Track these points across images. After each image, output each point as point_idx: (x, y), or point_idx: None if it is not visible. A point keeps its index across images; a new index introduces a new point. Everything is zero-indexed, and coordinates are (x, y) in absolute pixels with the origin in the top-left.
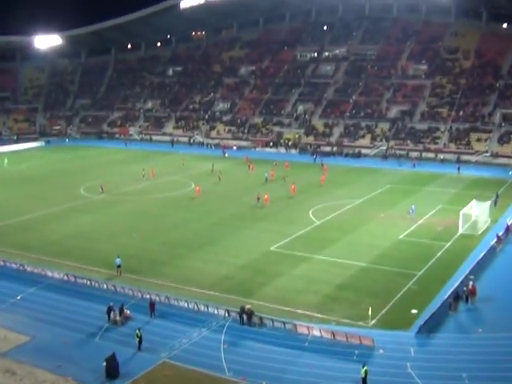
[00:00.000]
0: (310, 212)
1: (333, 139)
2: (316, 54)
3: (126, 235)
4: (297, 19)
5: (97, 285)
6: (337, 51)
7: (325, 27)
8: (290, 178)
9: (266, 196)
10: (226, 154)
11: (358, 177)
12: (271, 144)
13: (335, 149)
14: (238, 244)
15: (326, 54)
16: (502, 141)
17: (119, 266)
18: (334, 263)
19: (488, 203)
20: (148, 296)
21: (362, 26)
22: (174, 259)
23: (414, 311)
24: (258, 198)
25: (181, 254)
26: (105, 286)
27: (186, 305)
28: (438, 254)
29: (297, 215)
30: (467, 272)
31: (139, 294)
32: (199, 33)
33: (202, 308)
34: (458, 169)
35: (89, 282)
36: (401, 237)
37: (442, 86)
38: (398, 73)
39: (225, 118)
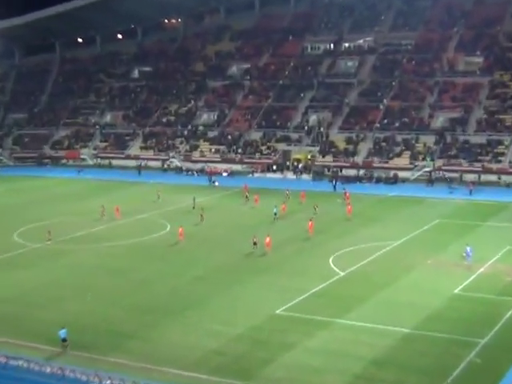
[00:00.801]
0: (331, 259)
1: (358, 159)
2: (332, 46)
3: (77, 298)
4: (305, 0)
5: (37, 367)
6: (360, 41)
7: (343, 10)
8: (305, 213)
9: (267, 239)
10: (216, 183)
11: (394, 209)
12: (274, 167)
13: (362, 172)
14: (231, 306)
15: (346, 45)
16: None
17: (64, 340)
18: (365, 330)
19: None
20: (109, 382)
21: (392, 6)
22: (143, 329)
23: None
24: (255, 243)
25: (153, 322)
26: (48, 370)
27: None
28: (508, 315)
29: (312, 264)
30: None
31: (96, 380)
32: (174, 20)
33: None
34: None
35: (26, 364)
36: (456, 291)
37: (503, 84)
38: (443, 68)
39: (211, 134)
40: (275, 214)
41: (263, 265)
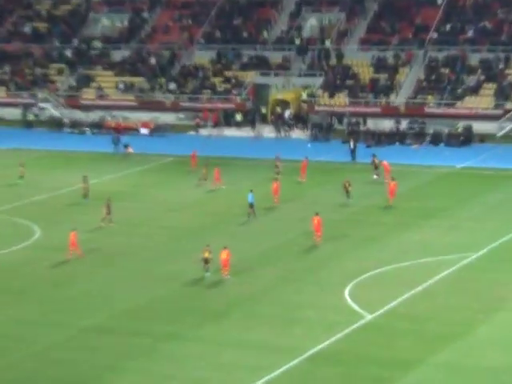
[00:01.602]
0: (348, 289)
1: (398, 100)
2: None
3: None
4: None
5: None
6: None
7: None
8: (307, 200)
9: (223, 254)
10: (130, 149)
11: (467, 193)
12: (239, 118)
13: (406, 125)
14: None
15: None
16: None
17: None
18: None
19: None
20: None
21: None
22: None
23: None
24: (207, 260)
25: None
26: None
27: None
28: None
29: (313, 299)
30: None
31: None
32: None
33: None
34: None
35: None
36: None
37: None
38: None
39: (117, 56)
40: (251, 204)
41: (221, 303)
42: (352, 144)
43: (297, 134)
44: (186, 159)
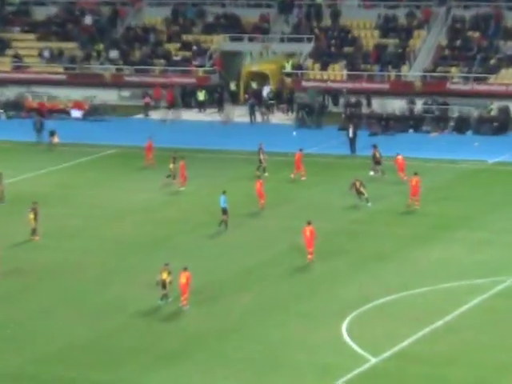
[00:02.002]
0: (346, 323)
1: (412, 73)
2: None
3: None
4: None
5: None
6: None
7: None
8: (289, 207)
9: (183, 278)
10: (55, 139)
11: (501, 197)
12: (201, 97)
13: (421, 105)
14: None
15: None
16: None
17: None
18: None
19: None
20: None
21: None
22: None
23: None
24: (164, 284)
25: None
26: None
27: None
28: None
29: (301, 336)
30: None
31: None
32: None
33: None
34: None
35: None
36: None
37: None
38: None
39: (39, 14)
40: (223, 209)
41: (177, 341)
42: (351, 131)
43: (278, 118)
44: (132, 151)
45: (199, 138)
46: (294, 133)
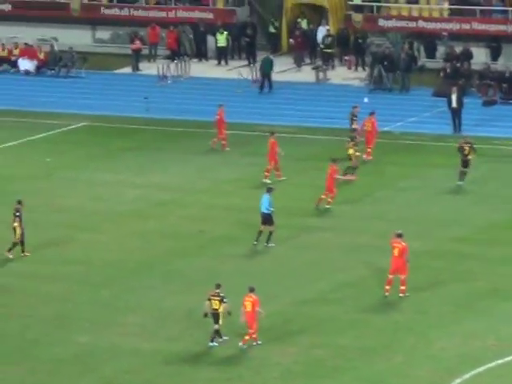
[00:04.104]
0: None
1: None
2: None
3: None
4: None
5: None
6: None
7: None
8: (364, 209)
9: (248, 304)
10: None
11: None
12: (221, 40)
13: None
14: None
15: None
16: None
17: None
18: None
19: None
20: None
21: None
22: None
23: None
24: (215, 315)
25: None
26: None
27: None
28: None
29: None
30: None
31: None
32: None
33: None
34: None
35: None
36: None
37: None
38: None
39: None
40: (265, 215)
41: None
42: (455, 99)
43: (341, 75)
44: (115, 125)
45: (221, 103)
46: (366, 99)
